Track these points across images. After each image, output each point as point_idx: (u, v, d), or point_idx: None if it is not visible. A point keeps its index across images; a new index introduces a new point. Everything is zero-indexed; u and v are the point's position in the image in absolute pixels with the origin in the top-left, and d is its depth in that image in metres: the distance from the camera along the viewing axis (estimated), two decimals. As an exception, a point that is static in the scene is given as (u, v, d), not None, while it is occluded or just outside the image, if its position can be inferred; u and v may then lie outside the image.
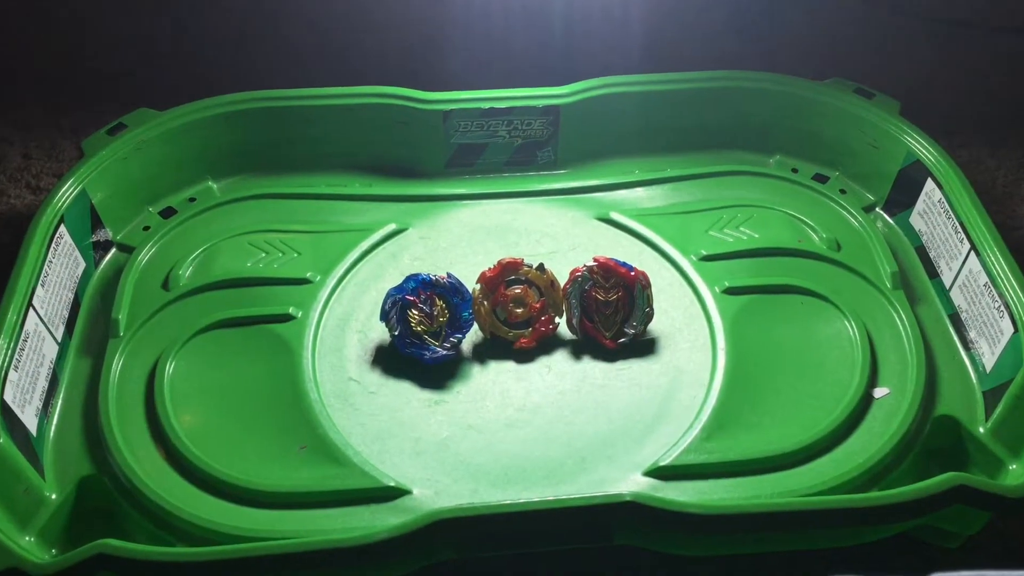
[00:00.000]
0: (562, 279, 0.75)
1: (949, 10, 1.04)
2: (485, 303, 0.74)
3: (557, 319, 0.75)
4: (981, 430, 0.67)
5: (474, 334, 0.74)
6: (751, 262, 0.79)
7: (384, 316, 0.73)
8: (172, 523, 0.63)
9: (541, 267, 0.75)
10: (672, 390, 0.71)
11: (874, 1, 1.03)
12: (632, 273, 0.74)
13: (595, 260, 0.74)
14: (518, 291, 0.74)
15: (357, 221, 0.83)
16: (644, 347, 0.74)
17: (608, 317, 0.74)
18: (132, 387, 0.70)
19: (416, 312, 0.72)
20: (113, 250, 0.81)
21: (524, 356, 0.74)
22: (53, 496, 0.64)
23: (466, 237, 0.82)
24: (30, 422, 0.66)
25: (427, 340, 0.72)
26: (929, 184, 0.80)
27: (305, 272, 0.78)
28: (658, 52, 1.02)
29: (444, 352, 0.72)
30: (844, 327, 0.74)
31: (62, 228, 0.75)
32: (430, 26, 1.03)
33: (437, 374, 0.72)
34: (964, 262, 0.75)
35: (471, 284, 0.74)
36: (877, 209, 0.85)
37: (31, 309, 0.69)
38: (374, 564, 0.59)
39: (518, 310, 0.74)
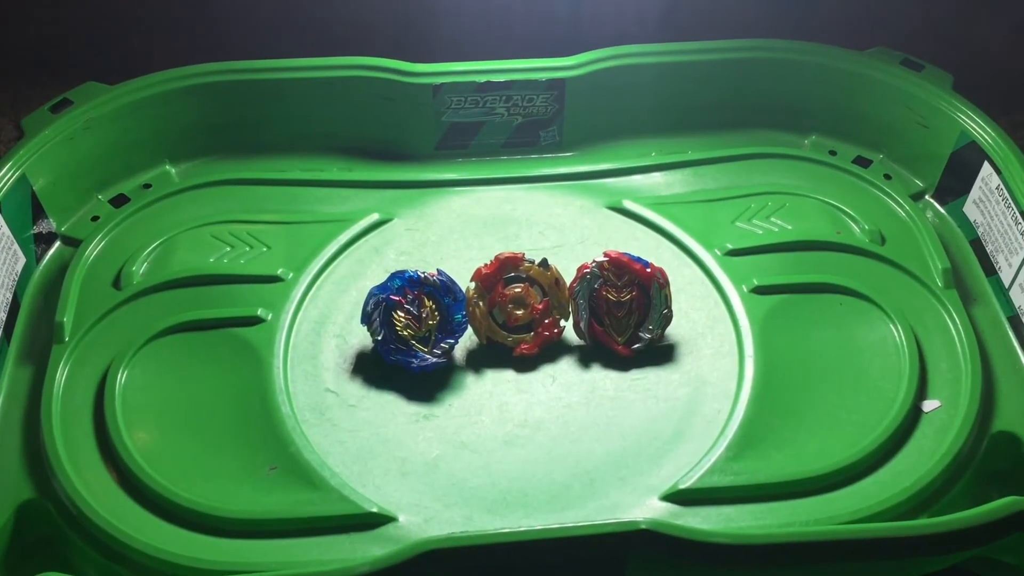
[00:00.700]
0: (568, 276, 0.75)
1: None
2: (481, 304, 0.74)
3: (563, 322, 0.75)
4: (1045, 449, 0.68)
5: (468, 339, 0.74)
6: (783, 257, 0.79)
7: (366, 319, 0.73)
8: (124, 554, 0.62)
9: (544, 263, 0.75)
10: (693, 403, 0.71)
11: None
12: (648, 270, 0.74)
13: (606, 255, 0.74)
14: (518, 290, 0.74)
15: (335, 210, 0.83)
16: (661, 354, 0.74)
17: (621, 320, 0.74)
18: (79, 400, 0.70)
19: (402, 314, 0.72)
20: (57, 243, 0.81)
21: (525, 364, 0.74)
22: (-11, 524, 0.64)
23: (459, 229, 0.82)
24: (-38, 439, 0.66)
25: (415, 346, 0.72)
26: (986, 168, 0.80)
27: (276, 268, 0.78)
28: (677, 18, 1.01)
29: (434, 360, 0.72)
30: (889, 331, 0.74)
31: (-1, 218, 0.75)
32: (418, -12, 1.03)
33: (426, 385, 0.72)
34: (1026, 257, 0.75)
35: (465, 282, 0.74)
36: (927, 197, 0.85)
37: (-36, 311, 0.69)
38: (354, 601, 0.59)
39: (518, 312, 0.74)
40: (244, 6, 1.02)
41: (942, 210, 0.84)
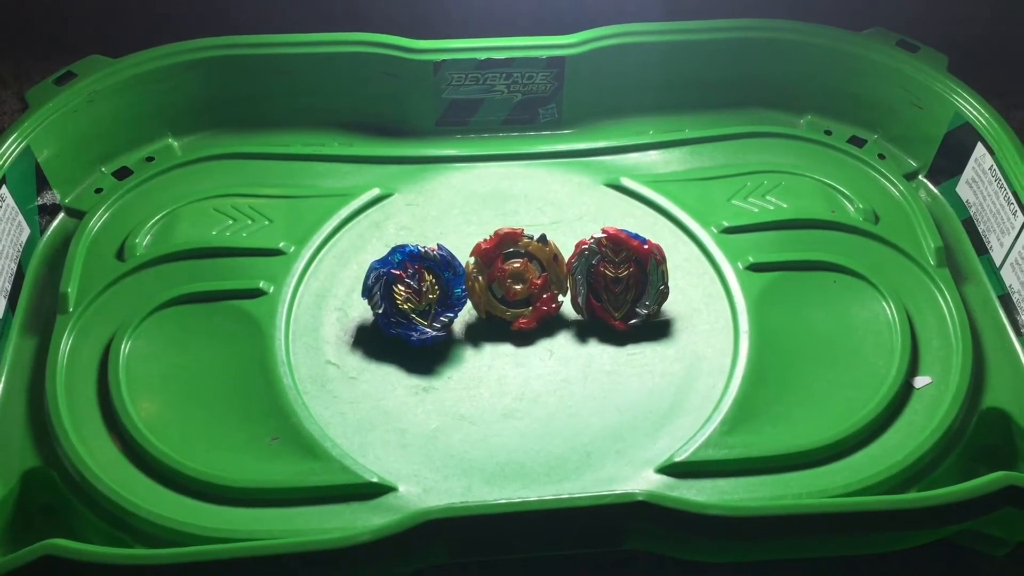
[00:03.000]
0: (567, 252, 0.74)
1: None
2: (480, 279, 0.73)
3: (561, 297, 0.74)
4: (1034, 425, 0.68)
5: (467, 313, 0.74)
6: (778, 235, 0.79)
7: (367, 292, 0.72)
8: (129, 522, 0.63)
9: (543, 239, 0.74)
10: (689, 378, 0.71)
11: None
12: (645, 246, 0.74)
13: (604, 231, 0.74)
14: (517, 265, 0.74)
15: (336, 185, 0.83)
16: (658, 329, 0.74)
17: (618, 295, 0.74)
18: (83, 370, 0.70)
19: (402, 288, 0.72)
20: (61, 215, 0.81)
21: (523, 338, 0.73)
22: (-6, 491, 0.64)
23: (459, 204, 0.82)
24: (-32, 408, 0.66)
25: (415, 319, 0.72)
26: (979, 149, 0.80)
27: (278, 242, 0.78)
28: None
29: (433, 333, 0.72)
30: (882, 309, 0.74)
31: (3, 190, 0.75)
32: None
33: (426, 358, 0.72)
34: (1017, 237, 0.74)
35: (464, 257, 0.74)
36: (920, 177, 0.85)
37: (-31, 281, 0.69)
38: (354, 569, 0.59)
39: (517, 287, 0.74)
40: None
41: (935, 190, 0.84)
